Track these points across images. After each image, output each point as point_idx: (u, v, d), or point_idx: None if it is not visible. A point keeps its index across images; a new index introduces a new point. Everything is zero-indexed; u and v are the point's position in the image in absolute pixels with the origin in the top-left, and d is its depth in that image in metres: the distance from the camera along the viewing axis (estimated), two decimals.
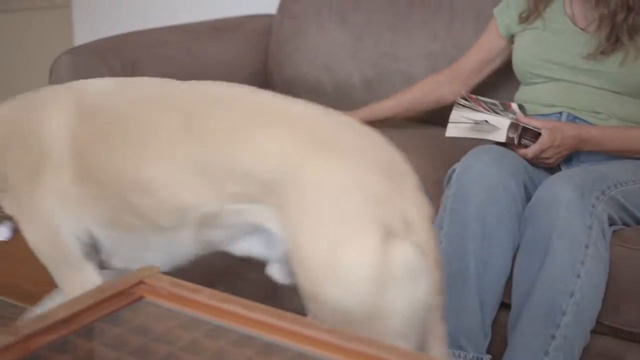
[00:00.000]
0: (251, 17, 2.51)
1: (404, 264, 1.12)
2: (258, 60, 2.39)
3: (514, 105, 1.75)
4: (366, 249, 1.11)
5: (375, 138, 1.24)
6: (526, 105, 1.77)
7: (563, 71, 1.75)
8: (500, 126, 1.60)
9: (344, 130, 1.22)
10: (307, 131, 1.19)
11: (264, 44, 2.41)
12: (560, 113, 1.74)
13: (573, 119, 1.73)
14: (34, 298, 2.15)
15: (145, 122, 1.26)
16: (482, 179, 1.54)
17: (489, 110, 1.66)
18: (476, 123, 1.62)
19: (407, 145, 1.93)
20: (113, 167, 1.27)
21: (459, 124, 1.64)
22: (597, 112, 1.72)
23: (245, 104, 1.25)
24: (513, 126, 1.60)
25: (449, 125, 1.65)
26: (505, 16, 1.87)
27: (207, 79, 2.23)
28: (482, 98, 1.72)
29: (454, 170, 1.61)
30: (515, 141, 1.61)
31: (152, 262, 1.29)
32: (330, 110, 1.27)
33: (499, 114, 1.66)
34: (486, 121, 1.61)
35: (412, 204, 1.14)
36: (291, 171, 1.15)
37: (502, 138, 1.60)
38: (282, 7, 2.41)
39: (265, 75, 2.40)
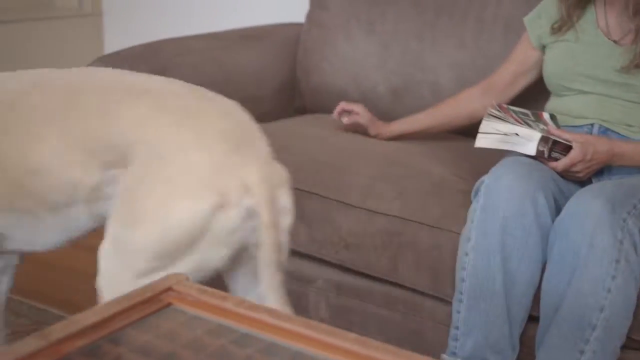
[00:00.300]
0: (279, 25, 2.53)
1: (220, 232, 1.26)
2: (286, 68, 2.40)
3: (546, 116, 1.74)
4: (193, 212, 1.24)
5: (229, 109, 1.37)
6: (557, 116, 1.76)
7: (595, 84, 1.73)
8: (530, 139, 1.59)
9: (199, 101, 1.36)
10: (163, 103, 1.32)
11: (291, 53, 2.42)
12: (592, 125, 1.73)
13: (605, 131, 1.71)
14: (64, 304, 2.18)
15: (31, 107, 1.35)
16: (510, 192, 1.54)
17: (520, 122, 1.64)
18: (506, 135, 1.61)
19: (435, 155, 1.94)
20: (3, 153, 1.34)
21: (489, 135, 1.62)
22: (630, 125, 1.70)
23: (117, 85, 1.38)
24: (544, 139, 1.58)
25: (479, 136, 1.63)
26: (536, 26, 1.85)
27: (235, 87, 2.27)
28: (513, 108, 1.71)
29: (482, 183, 1.60)
30: (546, 154, 1.60)
31: (49, 242, 1.41)
32: (196, 87, 1.40)
33: (530, 125, 1.64)
34: (517, 134, 1.59)
35: (253, 171, 1.27)
36: (141, 134, 1.29)
37: (532, 151, 1.59)
38: (310, 16, 2.42)
39: (293, 84, 2.41)
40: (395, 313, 1.79)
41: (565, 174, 1.64)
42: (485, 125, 1.63)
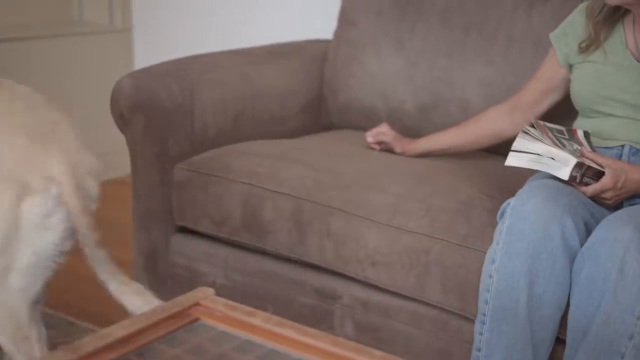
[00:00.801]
0: (307, 42, 2.54)
1: (32, 217, 1.40)
2: (313, 85, 2.41)
3: (580, 133, 1.70)
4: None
5: (36, 106, 1.51)
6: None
7: (624, 108, 1.70)
8: (566, 163, 1.55)
9: (7, 100, 1.50)
10: None
11: (319, 70, 2.43)
12: (623, 146, 1.70)
13: (636, 152, 1.69)
14: (94, 317, 2.19)
15: None
16: (537, 215, 1.52)
17: (555, 141, 1.61)
18: (540, 156, 1.58)
19: (462, 172, 1.93)
20: None
21: (522, 154, 1.59)
22: None
23: None
24: (578, 165, 1.56)
25: (511, 154, 1.60)
26: (562, 44, 1.83)
27: (263, 103, 2.28)
28: (549, 125, 1.67)
29: (508, 205, 1.59)
30: (578, 179, 1.58)
31: None
32: (10, 85, 1.54)
33: (564, 145, 1.62)
34: (552, 158, 1.57)
35: (56, 162, 1.41)
36: None
37: (565, 176, 1.56)
38: (338, 33, 2.43)
39: (320, 101, 2.41)
40: (422, 331, 1.78)
41: (594, 199, 1.62)
42: (520, 143, 1.59)
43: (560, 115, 1.92)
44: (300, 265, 1.92)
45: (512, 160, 1.59)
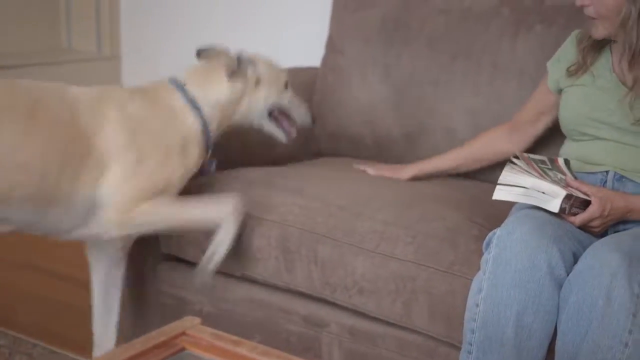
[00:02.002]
0: (295, 70, 2.54)
1: None
2: None
3: (561, 162, 1.72)
4: None
5: None
6: (572, 162, 1.75)
7: (610, 131, 1.73)
8: (555, 196, 1.56)
9: None
10: None
11: (307, 97, 2.44)
12: (607, 172, 1.72)
13: (620, 178, 1.71)
14: (78, 346, 2.17)
15: None
16: (523, 245, 1.53)
17: (541, 174, 1.62)
18: (528, 189, 1.57)
19: (449, 199, 1.93)
20: None
21: (509, 187, 1.59)
22: None
23: None
24: (566, 196, 1.57)
25: (498, 187, 1.60)
26: (555, 70, 1.87)
27: (251, 130, 2.28)
28: (533, 157, 1.68)
29: (494, 234, 1.59)
30: (567, 211, 1.58)
31: None
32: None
33: (549, 175, 1.62)
34: (542, 192, 1.56)
35: None
36: None
37: (555, 208, 1.56)
38: (326, 60, 2.45)
39: (308, 128, 2.42)
40: (409, 359, 1.78)
41: (581, 227, 1.63)
42: (507, 177, 1.60)
43: (556, 138, 1.94)
44: (287, 293, 1.92)
45: (500, 194, 1.59)
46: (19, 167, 1.62)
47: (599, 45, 1.79)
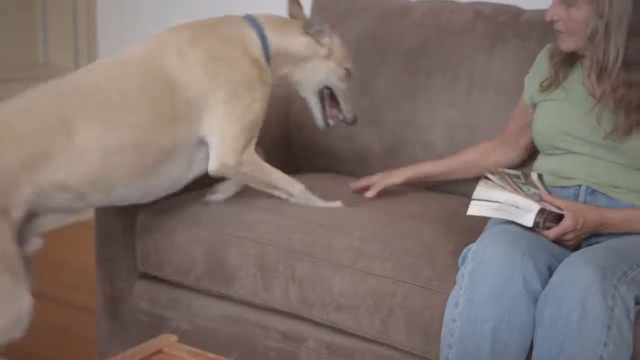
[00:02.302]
0: (273, 84, 2.55)
1: None
2: (280, 127, 2.41)
3: (534, 176, 1.74)
4: None
5: None
6: (545, 177, 1.77)
7: (582, 145, 1.75)
8: (528, 210, 1.57)
9: None
10: None
11: (285, 112, 2.44)
12: (579, 186, 1.74)
13: (592, 192, 1.72)
14: None
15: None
16: (498, 260, 1.54)
17: (516, 189, 1.62)
18: (502, 204, 1.58)
19: (426, 215, 1.94)
20: None
21: (484, 203, 1.60)
22: (616, 187, 1.72)
23: None
24: (540, 211, 1.58)
25: (473, 203, 1.61)
26: (530, 85, 1.90)
27: None
28: (507, 171, 1.69)
29: (469, 249, 1.60)
30: (540, 225, 1.59)
31: None
32: None
33: (523, 190, 1.63)
34: (515, 206, 1.57)
35: None
36: None
37: (529, 222, 1.57)
38: None
39: (287, 143, 2.42)
40: None
41: (555, 241, 1.64)
42: (481, 192, 1.61)
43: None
44: (265, 310, 1.91)
45: (474, 209, 1.61)
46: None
47: (570, 60, 1.81)
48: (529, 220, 1.57)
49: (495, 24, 2.19)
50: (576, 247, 1.67)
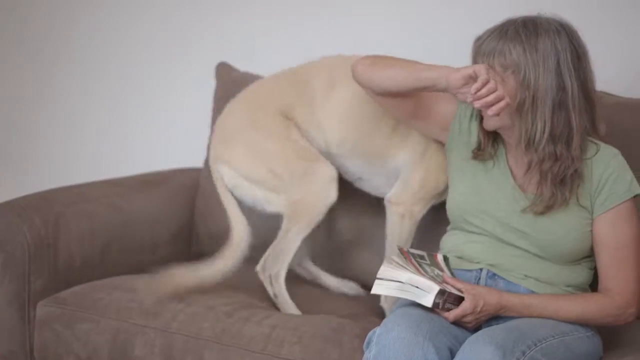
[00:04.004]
0: (177, 170, 2.55)
1: None
2: (184, 213, 2.40)
3: (440, 258, 1.74)
4: None
5: None
6: (451, 259, 1.78)
7: (494, 226, 1.76)
8: (429, 291, 1.60)
9: None
10: None
11: (190, 198, 2.44)
12: (481, 270, 1.76)
13: (492, 275, 1.75)
14: None
15: None
16: (400, 343, 1.55)
17: (418, 269, 1.65)
18: (404, 284, 1.61)
19: (331, 300, 1.94)
20: None
21: (386, 282, 1.63)
22: (516, 272, 1.74)
23: None
24: (440, 292, 1.61)
25: (377, 282, 1.64)
26: (461, 115, 1.84)
27: (132, 232, 2.24)
28: (412, 251, 1.71)
29: (374, 333, 1.62)
30: (440, 306, 1.63)
31: None
32: None
33: (426, 270, 1.66)
34: (416, 286, 1.60)
35: None
36: None
37: (428, 303, 1.60)
38: (208, 163, 2.45)
39: (191, 229, 2.41)
40: None
41: (455, 323, 1.66)
42: (384, 272, 1.64)
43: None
44: None
45: (378, 288, 1.63)
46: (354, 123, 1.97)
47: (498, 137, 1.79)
48: (428, 300, 1.60)
49: None
50: (477, 328, 1.69)
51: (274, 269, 1.96)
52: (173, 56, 2.81)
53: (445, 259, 1.75)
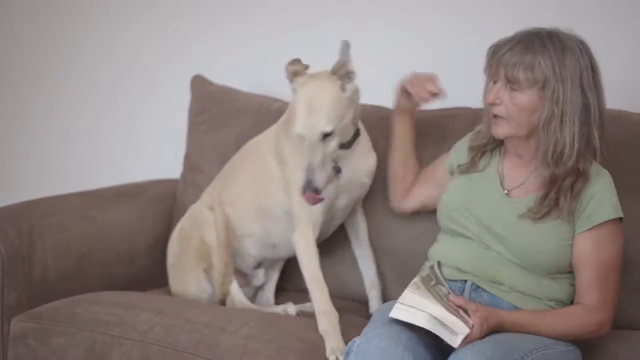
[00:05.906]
0: (154, 182, 2.54)
1: None
2: (161, 224, 2.40)
3: (436, 267, 1.73)
4: None
5: None
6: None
7: (479, 230, 1.76)
8: (458, 332, 1.57)
9: None
10: None
11: (167, 209, 2.44)
12: (465, 281, 1.75)
13: (476, 287, 1.74)
14: None
15: None
16: (379, 353, 1.56)
17: (436, 297, 1.60)
18: (434, 318, 1.56)
19: (308, 316, 1.95)
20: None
21: (411, 309, 1.58)
22: (501, 284, 1.74)
23: None
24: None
25: (400, 306, 1.58)
26: (455, 154, 1.90)
27: (108, 244, 2.24)
28: (422, 274, 1.68)
29: (354, 342, 1.63)
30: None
31: None
32: None
33: (438, 294, 1.62)
34: (444, 324, 1.56)
35: None
36: None
37: (455, 344, 1.57)
38: (185, 176, 2.46)
39: (168, 240, 2.40)
40: None
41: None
42: (411, 299, 1.59)
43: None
44: None
45: (400, 313, 1.58)
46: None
47: (490, 147, 1.83)
48: (456, 341, 1.56)
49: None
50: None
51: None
52: (150, 69, 2.81)
53: (439, 264, 1.74)
